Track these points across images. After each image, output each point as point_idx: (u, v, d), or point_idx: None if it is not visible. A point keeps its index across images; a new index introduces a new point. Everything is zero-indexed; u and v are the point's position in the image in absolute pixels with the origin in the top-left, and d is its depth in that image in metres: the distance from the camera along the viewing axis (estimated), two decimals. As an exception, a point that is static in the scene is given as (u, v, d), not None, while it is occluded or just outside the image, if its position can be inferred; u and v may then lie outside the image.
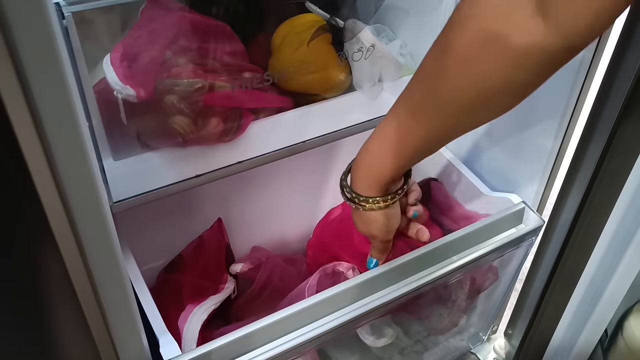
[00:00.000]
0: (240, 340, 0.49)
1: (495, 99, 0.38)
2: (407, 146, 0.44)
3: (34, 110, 0.25)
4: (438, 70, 0.40)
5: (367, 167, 0.47)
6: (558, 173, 0.64)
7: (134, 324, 0.39)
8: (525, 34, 0.34)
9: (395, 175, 0.47)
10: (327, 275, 0.60)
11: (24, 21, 0.24)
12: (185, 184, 0.55)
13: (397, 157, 0.45)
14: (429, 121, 0.42)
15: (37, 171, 0.26)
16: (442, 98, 0.40)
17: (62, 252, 0.28)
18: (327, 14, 0.60)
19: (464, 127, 0.43)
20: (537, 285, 0.72)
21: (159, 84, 0.51)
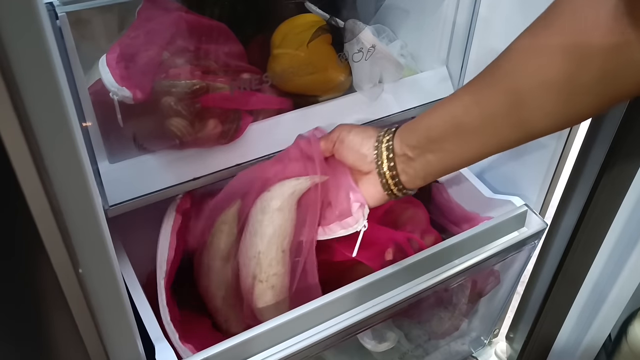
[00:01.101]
0: (238, 346, 0.48)
1: (575, 100, 0.37)
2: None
3: (22, 112, 0.24)
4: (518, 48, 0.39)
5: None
6: (561, 175, 0.63)
7: (129, 331, 0.38)
8: (606, 34, 0.33)
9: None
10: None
11: (12, 21, 0.23)
12: (182, 187, 0.54)
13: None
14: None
15: (24, 176, 0.25)
16: (505, 88, 0.39)
17: (51, 258, 0.27)
18: (326, 14, 0.60)
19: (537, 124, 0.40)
20: (540, 288, 0.71)
21: (156, 85, 0.50)
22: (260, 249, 0.52)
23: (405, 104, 0.65)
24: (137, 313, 0.51)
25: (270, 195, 0.53)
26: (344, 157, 0.51)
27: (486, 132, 0.42)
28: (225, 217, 0.56)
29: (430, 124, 0.45)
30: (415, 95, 0.66)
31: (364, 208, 0.50)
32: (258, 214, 0.53)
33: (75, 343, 0.32)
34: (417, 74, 0.67)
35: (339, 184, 0.52)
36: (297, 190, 0.53)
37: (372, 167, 0.48)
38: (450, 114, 0.43)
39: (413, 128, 0.46)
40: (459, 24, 0.65)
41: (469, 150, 0.43)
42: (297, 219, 0.53)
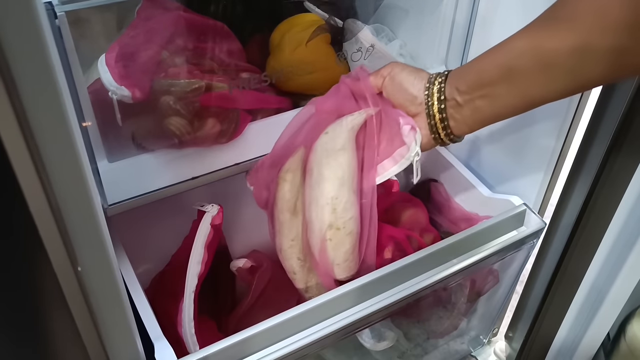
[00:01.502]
0: (238, 344, 0.48)
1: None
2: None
3: (21, 112, 0.24)
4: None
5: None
6: (560, 174, 0.63)
7: (128, 331, 0.38)
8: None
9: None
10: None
11: (10, 20, 0.23)
12: (181, 186, 0.54)
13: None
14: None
15: (23, 175, 0.25)
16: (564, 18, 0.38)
17: (50, 256, 0.27)
18: (325, 13, 0.60)
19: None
20: (539, 288, 0.72)
21: (155, 84, 0.50)
22: (333, 194, 0.49)
23: (404, 103, 0.65)
24: (136, 312, 0.51)
25: (330, 137, 0.50)
26: (392, 96, 0.49)
27: (539, 78, 0.41)
28: (289, 165, 0.52)
29: (482, 68, 0.44)
30: (414, 94, 0.66)
31: (416, 132, 0.48)
32: (322, 158, 0.50)
33: (75, 342, 0.33)
34: (416, 74, 0.67)
35: (388, 115, 0.50)
36: (355, 126, 0.50)
37: (421, 109, 0.47)
38: (504, 58, 0.42)
39: (465, 72, 0.45)
40: (458, 23, 0.65)
41: (518, 97, 0.43)
42: (357, 156, 0.51)
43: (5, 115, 0.23)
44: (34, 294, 0.29)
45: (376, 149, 0.51)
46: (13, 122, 0.23)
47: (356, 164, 0.50)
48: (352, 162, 0.50)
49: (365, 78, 0.51)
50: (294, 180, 0.52)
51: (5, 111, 0.23)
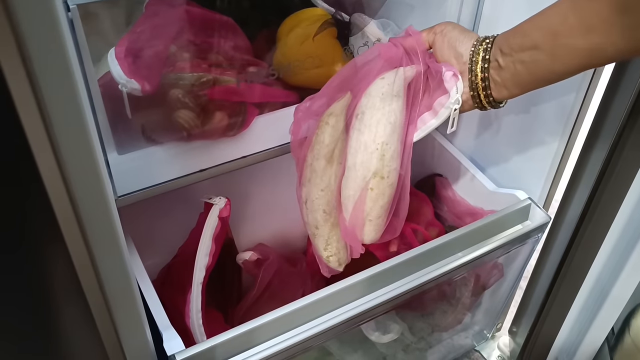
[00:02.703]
0: (244, 335, 0.49)
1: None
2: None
3: (42, 105, 0.25)
4: None
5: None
6: (565, 169, 0.64)
7: (139, 319, 0.38)
8: None
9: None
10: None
11: (30, 13, 0.24)
12: (189, 179, 0.54)
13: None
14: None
15: (45, 165, 0.25)
16: None
17: (68, 246, 0.28)
18: (332, 8, 0.60)
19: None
20: (543, 282, 0.72)
21: (163, 78, 0.50)
22: (384, 139, 0.49)
23: (410, 98, 0.65)
24: (145, 303, 0.51)
25: (387, 82, 0.49)
26: (440, 51, 0.50)
27: (581, 43, 0.41)
28: (333, 109, 0.51)
29: (525, 31, 0.44)
30: (420, 89, 0.66)
31: (458, 79, 0.48)
32: (376, 101, 0.49)
33: (90, 331, 0.33)
34: (421, 68, 0.67)
35: (434, 69, 0.50)
36: (409, 77, 0.50)
37: (465, 68, 0.48)
38: (546, 22, 0.43)
39: (510, 34, 0.46)
40: (464, 18, 0.65)
41: (559, 63, 0.43)
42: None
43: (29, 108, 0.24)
44: (51, 281, 0.30)
45: (418, 106, 0.51)
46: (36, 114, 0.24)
47: (405, 115, 0.50)
48: (404, 111, 0.50)
49: (417, 34, 0.51)
50: (337, 125, 0.51)
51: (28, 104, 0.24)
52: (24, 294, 0.30)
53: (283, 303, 0.51)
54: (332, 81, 0.52)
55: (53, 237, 0.28)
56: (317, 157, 0.52)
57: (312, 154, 0.52)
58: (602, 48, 0.41)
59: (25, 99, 0.24)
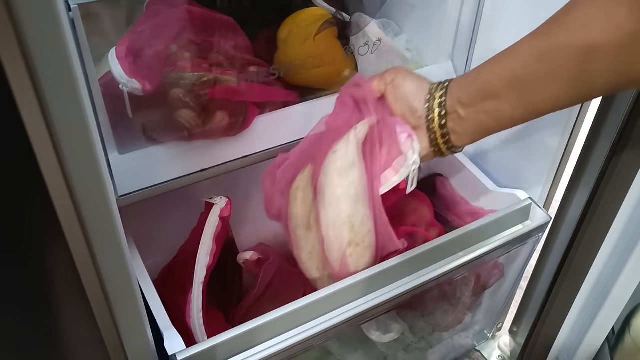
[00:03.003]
0: (245, 335, 0.49)
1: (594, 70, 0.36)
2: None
3: (44, 104, 0.25)
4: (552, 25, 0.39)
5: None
6: (565, 168, 0.64)
7: (140, 318, 0.38)
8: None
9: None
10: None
11: (32, 13, 0.24)
12: (190, 178, 0.54)
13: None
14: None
15: (46, 164, 0.25)
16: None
17: (70, 245, 0.28)
18: (333, 7, 0.60)
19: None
20: (543, 282, 0.72)
21: (164, 77, 0.50)
22: (349, 212, 0.49)
23: (411, 98, 0.65)
24: (146, 303, 0.51)
25: (339, 155, 0.50)
26: (394, 104, 0.48)
27: (546, 86, 0.40)
28: (299, 183, 0.52)
29: (486, 79, 0.42)
30: (420, 89, 0.66)
31: (413, 140, 0.47)
32: (334, 177, 0.50)
33: (91, 330, 0.33)
34: (422, 68, 0.68)
35: (388, 123, 0.49)
36: (361, 138, 0.50)
37: (422, 122, 0.47)
38: (509, 67, 0.41)
39: (467, 83, 0.44)
40: (464, 18, 0.65)
41: (524, 108, 0.42)
42: (365, 166, 0.50)
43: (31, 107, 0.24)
44: (53, 280, 0.30)
45: (378, 158, 0.50)
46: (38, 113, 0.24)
47: (364, 175, 0.50)
48: (362, 177, 0.50)
49: (367, 83, 0.50)
50: (306, 197, 0.52)
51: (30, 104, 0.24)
52: (25, 293, 0.30)
53: (284, 303, 0.51)
54: (300, 147, 0.52)
55: (54, 236, 0.28)
56: (296, 227, 0.53)
57: (291, 224, 0.53)
58: (567, 91, 0.40)
59: (27, 98, 0.24)
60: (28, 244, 0.28)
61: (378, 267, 0.53)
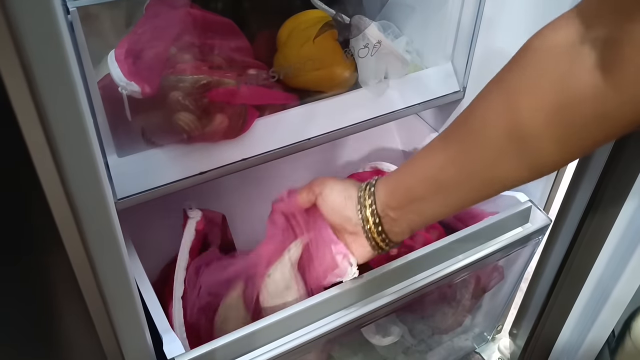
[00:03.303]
0: (244, 338, 0.48)
1: (533, 144, 0.36)
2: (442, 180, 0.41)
3: (40, 107, 0.25)
4: (482, 98, 0.38)
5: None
6: (566, 170, 0.63)
7: (138, 322, 0.38)
8: (581, 85, 0.32)
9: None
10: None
11: (29, 15, 0.24)
12: (189, 181, 0.54)
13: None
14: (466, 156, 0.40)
15: (43, 168, 0.25)
16: (477, 128, 0.38)
17: (67, 249, 0.27)
18: (332, 10, 0.60)
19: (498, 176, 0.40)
20: (543, 284, 0.72)
21: (163, 80, 0.50)
22: None
23: (411, 100, 0.65)
24: (145, 306, 0.51)
25: (273, 279, 0.52)
26: (328, 216, 0.49)
27: (465, 187, 0.41)
28: (230, 300, 0.54)
29: (409, 184, 0.44)
30: (420, 91, 0.66)
31: (348, 258, 0.49)
32: (270, 299, 0.52)
33: (89, 334, 0.33)
34: (422, 70, 0.67)
35: (321, 239, 0.51)
36: (294, 260, 0.52)
37: (359, 229, 0.47)
38: (428, 173, 0.42)
39: (393, 188, 0.45)
40: (464, 20, 0.65)
41: (450, 207, 0.43)
42: (302, 280, 0.53)
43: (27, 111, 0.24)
44: (50, 284, 0.30)
45: (315, 273, 0.52)
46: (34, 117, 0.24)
47: (304, 292, 0.53)
48: (298, 297, 0.52)
49: (293, 198, 0.51)
50: (238, 315, 0.54)
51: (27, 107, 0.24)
52: (21, 297, 0.29)
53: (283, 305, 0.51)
54: (235, 267, 0.55)
55: (52, 240, 0.28)
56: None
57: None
58: (484, 190, 0.41)
59: (23, 102, 0.24)
60: (25, 248, 0.28)
61: (377, 270, 0.53)
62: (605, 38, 0.30)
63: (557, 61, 0.33)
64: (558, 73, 0.33)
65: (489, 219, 0.60)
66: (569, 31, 0.32)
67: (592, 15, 0.31)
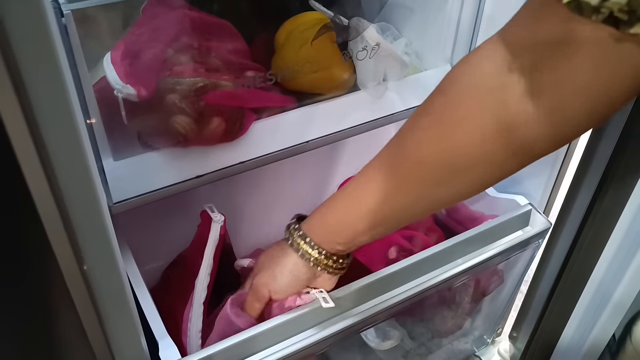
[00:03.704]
0: (242, 343, 0.48)
1: (467, 172, 0.37)
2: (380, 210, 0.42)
3: (28, 110, 0.24)
4: (415, 129, 0.39)
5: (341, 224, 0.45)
6: (566, 174, 0.63)
7: (134, 330, 0.38)
8: (510, 112, 0.33)
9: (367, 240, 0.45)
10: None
11: (18, 19, 0.23)
12: (186, 185, 0.54)
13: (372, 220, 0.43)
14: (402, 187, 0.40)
15: (31, 175, 0.25)
16: (413, 160, 0.39)
17: (57, 256, 0.27)
18: (331, 12, 0.59)
19: (433, 199, 0.40)
20: (543, 288, 0.71)
21: (160, 82, 0.50)
22: None
23: (410, 102, 0.64)
24: (141, 310, 0.51)
25: None
26: (289, 292, 0.49)
27: (402, 219, 0.43)
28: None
29: (349, 222, 0.44)
30: (419, 93, 0.65)
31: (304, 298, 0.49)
32: None
33: (80, 340, 0.33)
34: (421, 72, 0.67)
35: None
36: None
37: (321, 272, 0.48)
38: (368, 210, 0.42)
39: (336, 230, 0.46)
40: (464, 22, 0.64)
41: (397, 228, 0.45)
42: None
43: (13, 113, 0.23)
44: (40, 292, 0.29)
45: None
46: (21, 120, 0.23)
47: None
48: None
49: (244, 320, 0.50)
50: None
51: (13, 110, 0.23)
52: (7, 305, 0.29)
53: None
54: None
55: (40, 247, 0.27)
56: None
57: None
58: (418, 213, 0.42)
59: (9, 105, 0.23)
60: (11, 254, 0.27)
61: (376, 274, 0.53)
62: (529, 66, 0.31)
63: (488, 91, 0.33)
64: (491, 104, 0.33)
65: (489, 222, 0.59)
66: (497, 60, 0.33)
67: (515, 43, 0.32)
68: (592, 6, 0.25)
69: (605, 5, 0.25)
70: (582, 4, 0.26)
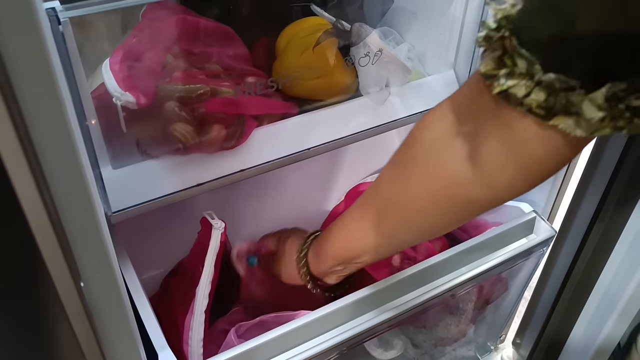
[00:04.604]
0: (243, 355, 0.47)
1: (419, 222, 0.42)
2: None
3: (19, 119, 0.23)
4: (386, 175, 0.44)
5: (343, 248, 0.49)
6: (570, 181, 0.62)
7: (132, 343, 0.37)
8: (452, 174, 0.36)
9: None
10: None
11: (10, 26, 0.23)
12: (186, 193, 0.53)
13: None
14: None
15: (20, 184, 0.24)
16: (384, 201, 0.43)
17: (50, 270, 0.26)
18: (333, 17, 0.59)
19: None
20: (548, 295, 0.70)
21: (159, 90, 0.49)
22: None
23: (412, 108, 0.64)
24: (140, 321, 0.50)
25: None
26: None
27: (392, 247, 0.47)
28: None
29: (344, 247, 0.49)
30: (422, 99, 0.65)
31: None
32: None
33: (75, 354, 0.32)
34: (424, 78, 0.66)
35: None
36: None
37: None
38: (356, 241, 0.47)
39: (331, 255, 0.50)
40: (467, 26, 0.64)
41: (387, 254, 0.52)
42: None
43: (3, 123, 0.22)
44: (34, 305, 0.28)
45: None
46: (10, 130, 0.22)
47: None
48: None
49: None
50: None
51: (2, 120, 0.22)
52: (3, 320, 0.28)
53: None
54: None
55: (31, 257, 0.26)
56: None
57: None
58: (407, 242, 0.48)
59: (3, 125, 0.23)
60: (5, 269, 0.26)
61: (380, 284, 0.52)
62: (472, 133, 0.34)
63: (438, 152, 0.37)
64: (438, 163, 0.37)
65: (493, 230, 0.58)
66: (446, 123, 0.36)
67: (461, 110, 0.36)
68: (518, 99, 0.29)
69: (526, 102, 0.29)
70: (510, 95, 0.30)
